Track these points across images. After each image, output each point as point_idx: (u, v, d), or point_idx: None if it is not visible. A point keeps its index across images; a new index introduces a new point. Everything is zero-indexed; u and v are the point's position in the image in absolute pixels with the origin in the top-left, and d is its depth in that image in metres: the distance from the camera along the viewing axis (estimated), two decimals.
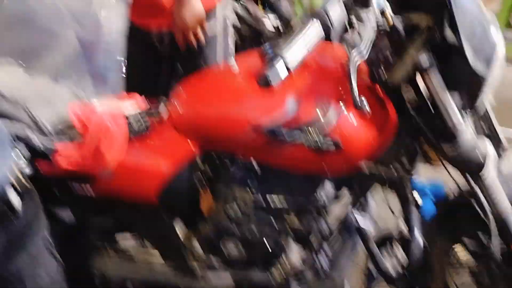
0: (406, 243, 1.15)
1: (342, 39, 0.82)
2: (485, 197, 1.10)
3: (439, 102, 0.99)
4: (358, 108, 0.71)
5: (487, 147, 0.91)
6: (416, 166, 1.21)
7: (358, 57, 0.75)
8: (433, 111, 1.02)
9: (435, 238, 1.33)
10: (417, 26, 0.98)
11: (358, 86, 0.95)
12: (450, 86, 0.99)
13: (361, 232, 1.22)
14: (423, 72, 0.96)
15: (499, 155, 1.04)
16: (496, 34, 0.97)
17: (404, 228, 1.17)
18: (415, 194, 2.09)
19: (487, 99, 1.09)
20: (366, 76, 1.01)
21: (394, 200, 1.23)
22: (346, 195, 1.24)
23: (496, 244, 1.08)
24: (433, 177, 1.46)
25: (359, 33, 0.79)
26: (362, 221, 1.25)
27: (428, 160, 2.14)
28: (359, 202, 1.26)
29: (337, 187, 1.27)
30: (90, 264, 1.17)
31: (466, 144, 0.92)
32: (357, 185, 1.20)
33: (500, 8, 3.57)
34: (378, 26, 0.89)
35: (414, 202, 1.12)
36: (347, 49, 0.77)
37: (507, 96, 3.11)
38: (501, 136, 1.03)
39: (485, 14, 0.99)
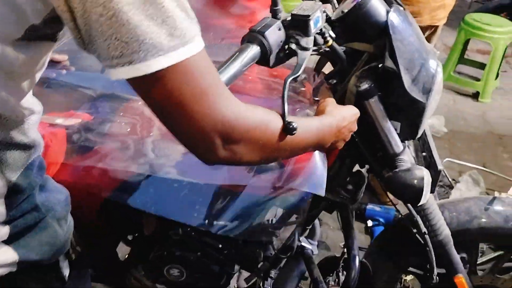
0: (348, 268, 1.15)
1: (280, 62, 0.82)
2: (425, 226, 1.12)
3: (380, 129, 1.01)
4: (285, 129, 0.70)
5: (425, 176, 0.92)
6: (361, 193, 1.22)
7: (291, 81, 0.74)
8: (374, 138, 1.03)
9: (382, 264, 1.34)
10: (358, 54, 1.00)
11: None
12: (391, 114, 1.01)
13: (306, 257, 1.21)
14: (365, 99, 0.97)
15: (435, 183, 1.05)
16: (435, 65, 0.99)
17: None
18: (369, 221, 2.13)
19: (427, 128, 1.12)
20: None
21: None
22: (293, 221, 1.24)
23: (435, 272, 1.09)
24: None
25: (297, 58, 0.79)
26: (309, 246, 1.24)
27: (374, 192, 2.18)
28: (306, 228, 1.26)
29: (285, 214, 1.26)
30: None
31: (405, 174, 0.92)
32: (303, 211, 1.19)
33: (454, 42, 3.73)
34: (318, 49, 0.90)
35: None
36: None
37: (460, 128, 3.25)
38: (439, 164, 1.04)
39: (426, 46, 1.02)
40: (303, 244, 1.23)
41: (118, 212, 1.12)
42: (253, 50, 0.75)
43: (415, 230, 1.13)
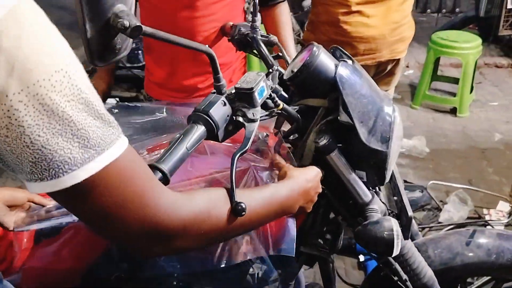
0: None
1: (229, 135, 0.81)
2: (406, 271, 1.10)
3: (346, 181, 1.00)
4: (233, 210, 0.68)
5: (394, 227, 0.90)
6: (340, 241, 1.20)
7: (238, 156, 0.73)
8: (342, 190, 1.02)
9: None
10: (315, 108, 1.00)
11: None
12: (355, 165, 1.00)
13: None
14: (325, 154, 0.96)
15: (408, 229, 1.04)
16: (391, 111, 0.99)
17: None
18: (361, 256, 2.09)
19: (396, 171, 1.11)
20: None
21: None
22: (276, 278, 1.21)
23: None
24: None
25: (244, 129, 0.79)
26: None
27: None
28: (290, 284, 1.23)
29: (268, 270, 1.23)
30: None
31: (374, 227, 0.91)
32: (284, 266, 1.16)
33: (425, 61, 3.79)
34: (270, 112, 0.90)
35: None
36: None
37: (442, 146, 3.27)
38: (409, 210, 1.03)
39: (379, 94, 1.02)
40: None
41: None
42: (199, 130, 0.75)
43: (396, 278, 1.10)
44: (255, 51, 1.21)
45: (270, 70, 1.06)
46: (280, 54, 1.17)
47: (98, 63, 0.60)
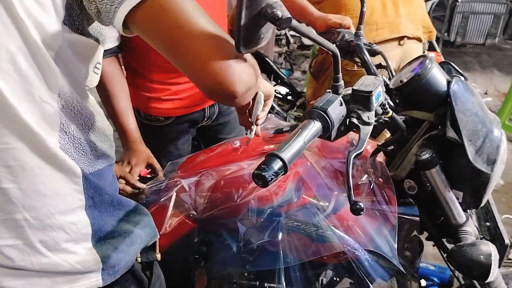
0: None
1: (340, 135, 0.82)
2: None
3: (442, 199, 0.98)
4: (351, 210, 0.69)
5: (492, 252, 0.87)
6: (419, 260, 1.18)
7: (354, 156, 0.74)
8: (436, 208, 1.00)
9: None
10: (418, 121, 0.99)
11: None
12: (454, 184, 0.98)
13: None
14: (425, 169, 0.95)
15: (503, 258, 1.00)
16: (499, 135, 0.97)
17: None
18: (422, 281, 2.03)
19: (491, 197, 1.08)
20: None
21: None
22: (347, 286, 1.20)
23: None
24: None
25: (359, 133, 0.79)
26: None
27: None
28: None
29: (338, 276, 1.23)
30: None
31: (470, 250, 0.88)
32: (359, 275, 1.15)
33: (509, 89, 3.61)
34: (378, 119, 0.90)
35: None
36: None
37: None
38: (506, 237, 0.99)
39: (489, 115, 0.99)
40: None
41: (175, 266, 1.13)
42: (316, 126, 0.76)
43: None
44: (356, 58, 1.21)
45: None
46: (384, 64, 1.16)
47: (243, 50, 0.63)
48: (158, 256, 0.83)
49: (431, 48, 2.78)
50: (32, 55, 0.61)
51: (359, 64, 1.18)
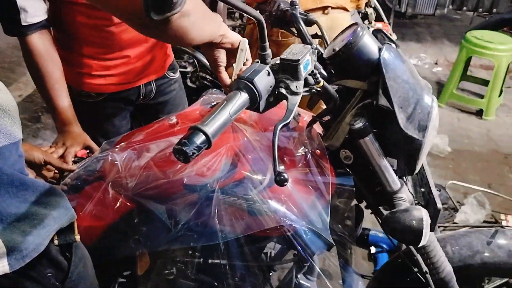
0: None
1: (269, 106, 0.80)
2: (426, 264, 1.09)
3: (376, 167, 0.98)
4: (276, 181, 0.68)
5: (424, 217, 0.89)
6: (360, 229, 1.20)
7: (281, 127, 0.73)
8: (371, 176, 1.01)
9: None
10: (352, 90, 0.98)
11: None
12: (387, 151, 0.99)
13: None
14: (359, 137, 0.95)
15: (435, 222, 1.03)
16: (430, 101, 0.98)
17: None
18: (372, 248, 2.09)
19: (425, 163, 1.10)
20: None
21: None
22: (291, 258, 1.21)
23: None
24: None
25: (287, 103, 0.78)
26: (307, 284, 1.22)
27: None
28: (304, 265, 1.23)
29: (282, 248, 1.24)
30: None
31: (403, 215, 0.90)
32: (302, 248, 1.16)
33: (456, 59, 3.71)
34: (310, 89, 0.88)
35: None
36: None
37: (465, 147, 3.22)
38: (438, 202, 1.02)
39: (420, 82, 1.00)
40: (301, 281, 1.21)
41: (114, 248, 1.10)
42: (242, 97, 0.74)
43: (416, 269, 1.10)
44: (292, 28, 1.19)
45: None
46: (319, 33, 1.15)
47: (154, 16, 0.59)
48: (77, 237, 0.80)
49: (379, 18, 2.80)
50: None
51: (295, 34, 1.17)
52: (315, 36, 1.15)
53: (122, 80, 1.42)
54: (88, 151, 1.30)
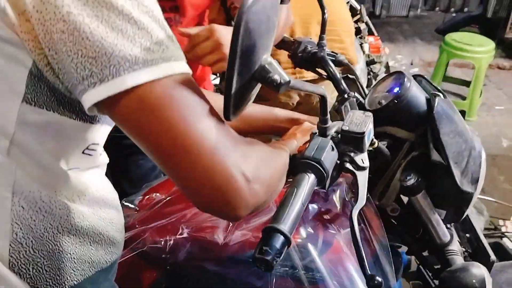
0: None
1: (333, 181, 0.74)
2: None
3: (428, 221, 0.94)
4: (369, 286, 0.61)
5: (485, 275, 0.85)
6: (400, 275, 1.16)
7: (358, 207, 0.66)
8: (420, 229, 0.97)
9: None
10: (400, 140, 0.93)
11: None
12: (437, 203, 0.94)
13: None
14: (411, 195, 0.90)
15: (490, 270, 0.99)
16: (480, 149, 0.94)
17: None
18: None
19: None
20: None
21: None
22: None
23: None
24: None
25: (355, 178, 0.72)
26: None
27: None
28: None
29: None
30: None
31: (463, 275, 0.86)
32: None
33: (437, 63, 3.75)
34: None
35: None
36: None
37: None
38: (489, 251, 0.98)
39: (467, 129, 0.96)
40: None
41: None
42: (311, 180, 0.67)
43: None
44: (320, 70, 1.12)
45: (346, 97, 0.98)
46: (351, 76, 1.09)
47: (232, 117, 0.51)
48: None
49: (370, 32, 2.78)
50: None
51: (324, 76, 1.10)
52: (345, 78, 1.08)
53: None
54: None
